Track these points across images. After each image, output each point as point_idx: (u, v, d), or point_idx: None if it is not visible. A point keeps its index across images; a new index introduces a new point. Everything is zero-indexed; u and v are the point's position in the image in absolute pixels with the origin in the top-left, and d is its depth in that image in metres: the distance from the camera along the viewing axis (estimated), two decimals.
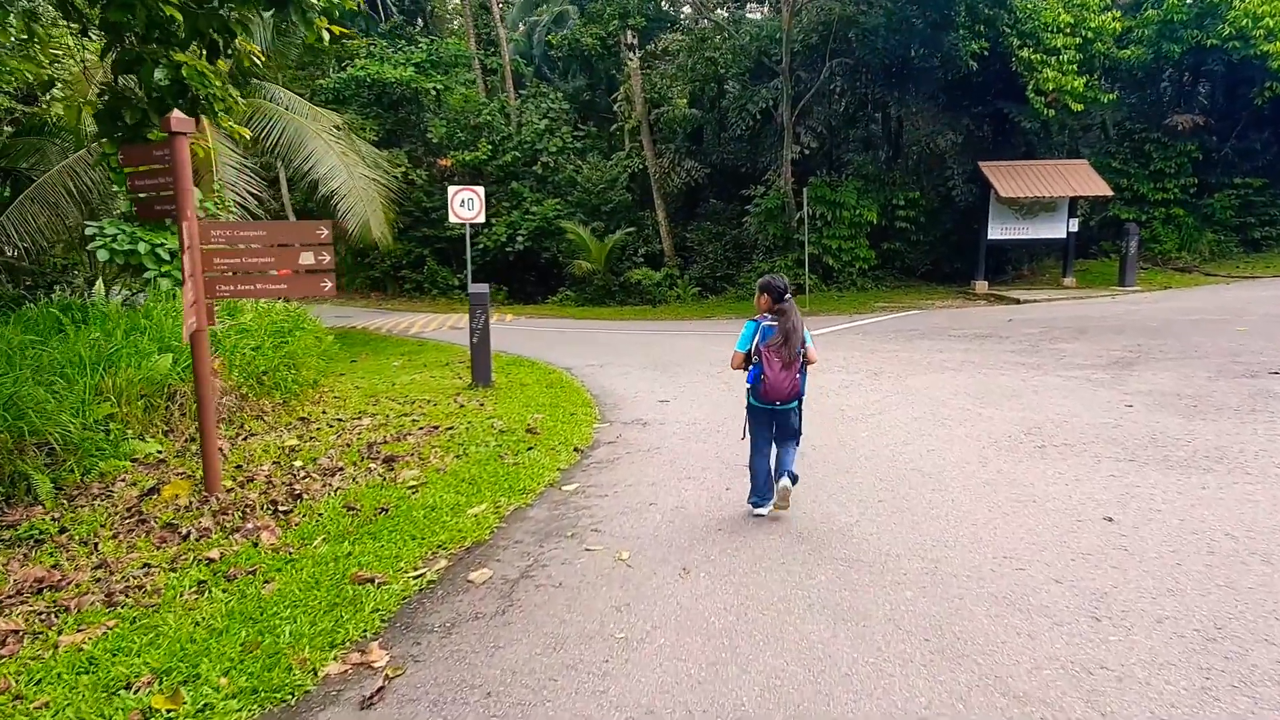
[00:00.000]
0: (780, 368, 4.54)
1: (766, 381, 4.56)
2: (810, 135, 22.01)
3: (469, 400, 9.33)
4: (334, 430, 7.78)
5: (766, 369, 4.56)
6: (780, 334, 4.55)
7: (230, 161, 14.32)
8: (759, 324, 4.67)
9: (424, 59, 26.02)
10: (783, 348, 4.54)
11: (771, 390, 4.58)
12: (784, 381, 4.56)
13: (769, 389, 4.58)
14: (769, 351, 4.55)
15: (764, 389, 4.59)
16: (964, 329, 13.61)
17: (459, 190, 13.51)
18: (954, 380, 9.11)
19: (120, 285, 10.82)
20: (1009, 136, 21.77)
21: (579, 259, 23.67)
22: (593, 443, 7.04)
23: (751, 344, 4.67)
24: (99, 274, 12.01)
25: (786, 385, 4.58)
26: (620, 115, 26.81)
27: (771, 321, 4.62)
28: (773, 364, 4.54)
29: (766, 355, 4.56)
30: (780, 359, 4.54)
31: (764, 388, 4.59)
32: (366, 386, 10.68)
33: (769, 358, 4.55)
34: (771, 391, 4.59)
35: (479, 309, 10.16)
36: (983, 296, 19.08)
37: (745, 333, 4.72)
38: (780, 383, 4.56)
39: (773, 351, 4.55)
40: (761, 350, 4.58)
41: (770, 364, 4.55)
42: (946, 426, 6.93)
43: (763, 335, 4.61)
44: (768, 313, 4.69)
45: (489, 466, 6.10)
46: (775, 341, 4.55)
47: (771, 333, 4.58)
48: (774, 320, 4.62)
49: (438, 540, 4.54)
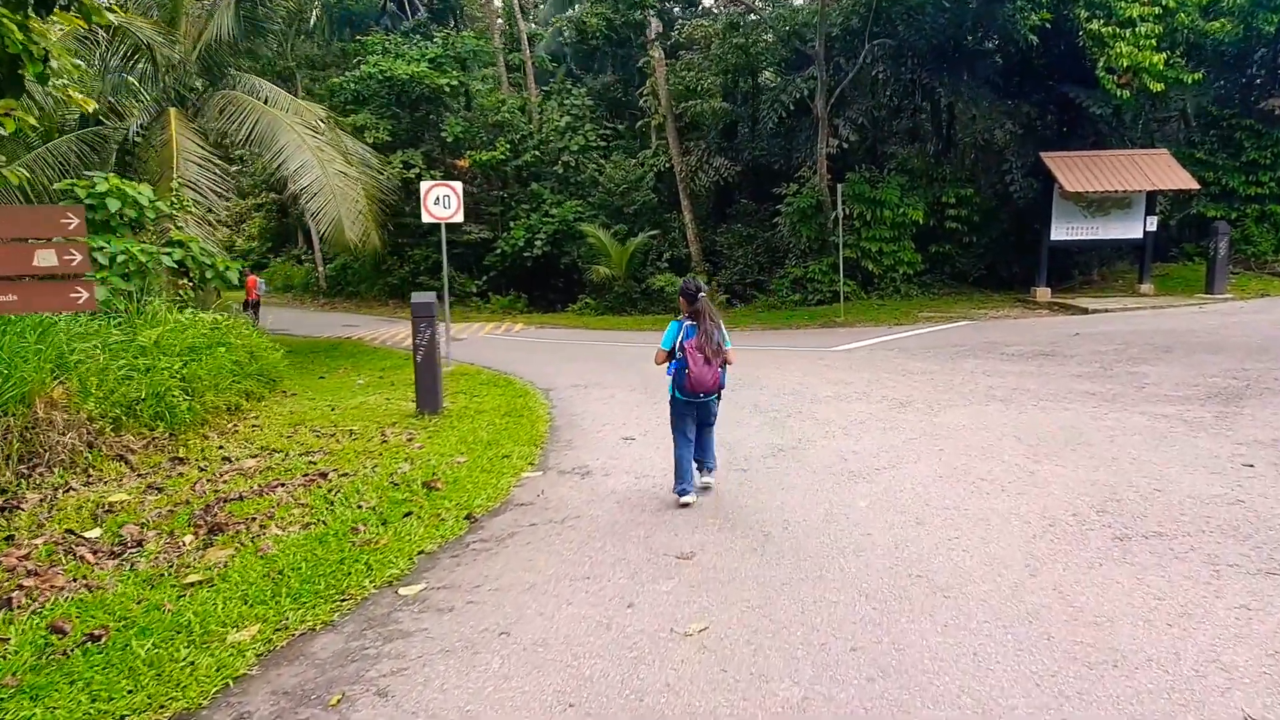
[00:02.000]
0: (703, 362, 4.88)
1: (691, 375, 4.88)
2: (849, 127, 19.94)
3: (401, 432, 7.73)
4: (204, 476, 6.21)
5: (691, 364, 4.88)
6: (701, 333, 4.92)
7: (193, 157, 13.06)
8: (681, 324, 5.04)
9: (439, 54, 24.69)
10: (706, 345, 4.89)
11: (696, 383, 4.89)
12: (707, 375, 4.90)
13: (694, 382, 4.89)
14: (693, 348, 4.90)
15: (689, 383, 4.90)
16: (1020, 345, 11.47)
17: (433, 186, 11.99)
18: (1001, 416, 7.10)
19: None
20: (1075, 125, 19.36)
21: (598, 264, 21.99)
22: (503, 502, 5.32)
23: (675, 342, 5.00)
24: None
25: (710, 378, 4.93)
26: (647, 111, 25.11)
27: (691, 321, 4.99)
28: (696, 359, 4.88)
29: (691, 351, 4.90)
30: (703, 354, 4.89)
31: (689, 381, 4.90)
32: (302, 412, 9.16)
33: (693, 354, 4.89)
34: (696, 384, 4.90)
35: (423, 322, 8.53)
36: (1044, 305, 16.76)
37: (669, 332, 5.07)
38: (704, 376, 4.89)
39: (696, 348, 4.90)
40: (686, 347, 4.92)
41: (694, 359, 4.88)
42: (981, 494, 4.98)
43: (686, 334, 4.97)
44: (686, 314, 5.04)
45: (331, 545, 4.42)
46: (698, 340, 4.91)
47: (694, 332, 4.94)
48: (693, 320, 4.98)
49: (123, 710, 2.83)
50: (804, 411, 7.92)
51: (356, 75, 24.42)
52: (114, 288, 10.40)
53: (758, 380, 10.00)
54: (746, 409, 8.26)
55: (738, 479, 5.61)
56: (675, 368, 4.96)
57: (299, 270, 32.27)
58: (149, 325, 8.77)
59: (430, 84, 23.91)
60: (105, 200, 10.80)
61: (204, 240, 12.34)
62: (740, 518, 4.75)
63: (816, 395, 8.73)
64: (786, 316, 17.90)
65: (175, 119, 13.45)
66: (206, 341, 8.80)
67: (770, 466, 5.90)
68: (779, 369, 10.89)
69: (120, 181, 11.30)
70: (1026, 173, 18.30)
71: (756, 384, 9.70)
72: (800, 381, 9.71)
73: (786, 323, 17.09)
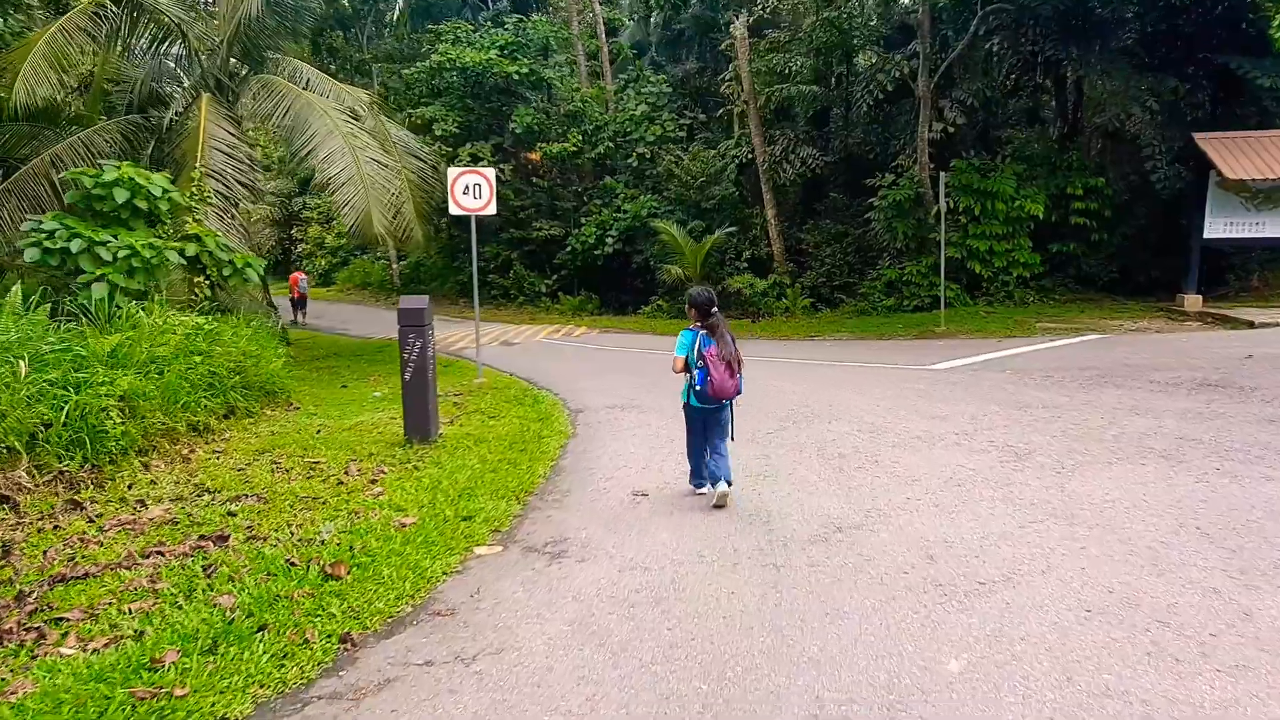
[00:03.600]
0: (725, 370, 4.89)
1: (714, 383, 4.87)
2: (956, 109, 17.48)
3: (372, 469, 6.29)
4: (89, 530, 4.87)
5: (713, 372, 4.87)
6: (722, 342, 4.94)
7: (221, 145, 12.10)
8: (696, 333, 5.03)
9: (509, 41, 23.45)
10: (728, 354, 4.92)
11: (718, 391, 4.90)
12: (729, 381, 4.91)
13: (716, 389, 4.89)
14: (715, 357, 4.90)
15: (711, 390, 4.89)
16: (1174, 370, 9.05)
17: (462, 174, 10.56)
18: (1168, 486, 4.98)
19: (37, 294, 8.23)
20: (1233, 102, 16.31)
21: (670, 263, 20.25)
22: (414, 609, 3.68)
23: (692, 350, 5.00)
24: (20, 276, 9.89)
25: (731, 384, 4.94)
26: (729, 99, 23.18)
27: (705, 331, 4.98)
28: (718, 367, 4.88)
29: (713, 360, 4.89)
30: (725, 363, 4.90)
31: (711, 389, 4.89)
32: (284, 434, 7.86)
33: (715, 363, 4.89)
34: (719, 390, 4.90)
35: (412, 332, 7.03)
36: (1194, 316, 13.97)
37: (685, 340, 5.07)
38: (725, 382, 4.90)
39: (719, 357, 4.91)
40: (706, 355, 4.91)
41: (716, 367, 4.88)
42: (1166, 662, 2.97)
43: (703, 342, 4.96)
44: (700, 324, 5.02)
45: (98, 696, 2.87)
46: (718, 349, 4.92)
47: (710, 342, 4.94)
48: (707, 330, 4.98)
49: None
50: (882, 460, 5.97)
51: (427, 66, 23.50)
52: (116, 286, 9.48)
53: (831, 408, 8.05)
54: (808, 451, 6.37)
55: (765, 582, 3.80)
56: (701, 376, 4.92)
57: (376, 267, 31.88)
58: (113, 330, 7.62)
59: (501, 72, 22.71)
60: (113, 190, 9.87)
61: (224, 234, 11.34)
62: (747, 690, 2.92)
63: (903, 435, 6.75)
64: (878, 325, 15.70)
65: (207, 105, 12.54)
66: (175, 350, 7.57)
67: (819, 562, 4.04)
68: (860, 393, 8.90)
69: (134, 170, 10.40)
70: (1172, 158, 15.45)
71: (828, 414, 7.76)
72: (884, 412, 7.72)
73: (877, 332, 14.91)
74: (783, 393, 9.24)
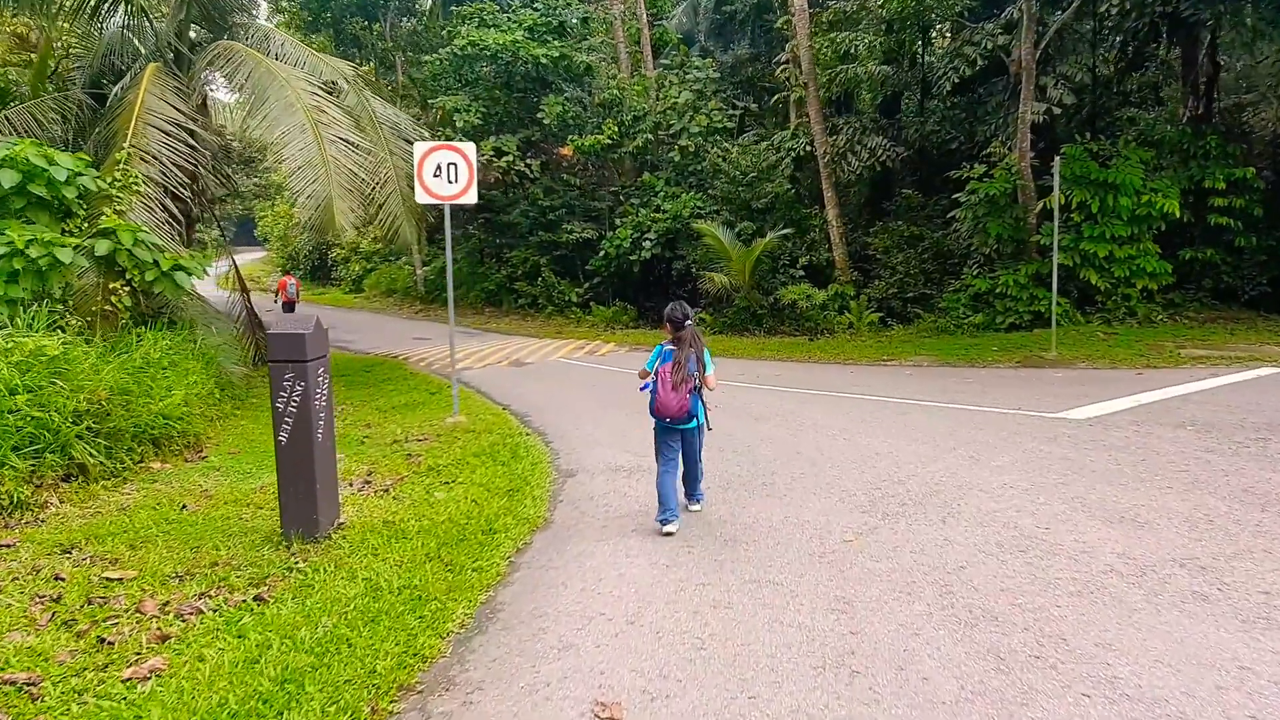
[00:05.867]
0: (670, 388, 4.85)
1: (658, 398, 4.89)
2: (1063, 86, 14.44)
3: (167, 619, 3.78)
4: None
5: (660, 388, 4.89)
6: (674, 360, 4.89)
7: (159, 122, 9.86)
8: (663, 348, 5.00)
9: (536, 21, 21.06)
10: (673, 371, 4.86)
11: (662, 407, 4.89)
12: (672, 400, 4.84)
13: (660, 405, 4.89)
14: (664, 373, 4.89)
15: (656, 405, 4.91)
16: None
17: (432, 150, 8.10)
18: None
19: None
20: None
21: (714, 270, 17.54)
22: None
23: (656, 364, 4.96)
24: None
25: (674, 404, 4.85)
26: (785, 85, 20.41)
27: (672, 346, 4.97)
28: (666, 383, 4.87)
29: (662, 376, 4.90)
30: (671, 380, 4.86)
31: (656, 405, 4.90)
32: (135, 510, 5.45)
33: (663, 379, 4.89)
34: (662, 408, 4.89)
35: (289, 372, 4.51)
36: None
37: (655, 352, 5.03)
38: (669, 401, 4.85)
39: (667, 373, 4.88)
40: (659, 370, 4.92)
41: (663, 383, 4.88)
42: None
43: (663, 358, 4.95)
44: (672, 339, 5.01)
45: None
46: (670, 365, 4.89)
47: (669, 357, 4.92)
48: (674, 345, 4.96)
49: None
50: (1073, 642, 3.21)
51: (450, 53, 21.26)
52: None
53: (939, 488, 5.30)
54: (923, 599, 3.65)
55: None
56: (648, 387, 4.97)
57: (402, 273, 29.86)
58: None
59: (530, 57, 20.35)
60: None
61: (150, 228, 9.08)
62: None
63: (1080, 558, 3.96)
64: (965, 347, 12.74)
65: (150, 75, 10.37)
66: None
67: None
68: (976, 461, 6.09)
69: (33, 148, 8.23)
70: None
71: (938, 500, 5.02)
72: (1026, 501, 4.93)
73: (966, 356, 11.94)
74: (859, 451, 6.50)
